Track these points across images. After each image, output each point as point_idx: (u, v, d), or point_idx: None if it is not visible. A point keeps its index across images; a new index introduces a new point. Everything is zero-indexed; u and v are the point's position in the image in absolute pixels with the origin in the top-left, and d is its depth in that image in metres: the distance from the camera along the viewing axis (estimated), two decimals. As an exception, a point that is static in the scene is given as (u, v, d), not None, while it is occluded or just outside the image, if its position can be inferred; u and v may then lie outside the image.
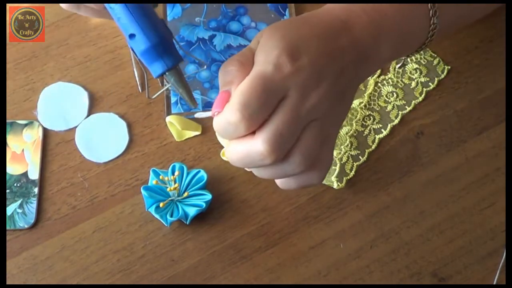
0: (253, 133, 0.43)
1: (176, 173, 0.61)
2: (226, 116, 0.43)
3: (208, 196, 0.61)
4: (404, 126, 0.67)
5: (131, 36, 0.48)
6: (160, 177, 0.61)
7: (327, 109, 0.44)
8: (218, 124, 0.44)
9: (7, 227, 0.61)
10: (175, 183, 0.61)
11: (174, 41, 0.49)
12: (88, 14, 0.56)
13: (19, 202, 0.63)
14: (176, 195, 0.61)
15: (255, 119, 0.42)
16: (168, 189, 0.61)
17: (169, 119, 0.65)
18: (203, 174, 0.62)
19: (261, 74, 0.42)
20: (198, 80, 0.68)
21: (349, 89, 0.47)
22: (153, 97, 0.61)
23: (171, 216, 0.60)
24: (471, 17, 0.60)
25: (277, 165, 0.44)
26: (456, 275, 0.61)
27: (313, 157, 0.44)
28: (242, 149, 0.44)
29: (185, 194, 0.61)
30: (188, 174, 0.62)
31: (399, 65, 0.68)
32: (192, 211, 0.60)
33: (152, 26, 0.47)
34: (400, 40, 0.50)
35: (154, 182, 0.61)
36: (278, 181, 0.48)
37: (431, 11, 0.50)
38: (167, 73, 0.48)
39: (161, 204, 0.60)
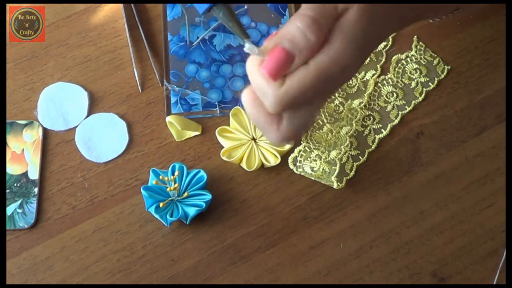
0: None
1: (176, 173, 0.61)
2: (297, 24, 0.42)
3: (208, 196, 0.61)
4: (404, 126, 0.67)
5: None
6: (160, 177, 0.61)
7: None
8: (288, 32, 0.42)
9: (7, 227, 0.62)
10: (175, 183, 0.61)
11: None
12: None
13: (19, 202, 0.63)
14: (176, 195, 0.61)
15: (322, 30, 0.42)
16: (168, 189, 0.61)
17: (169, 119, 0.65)
18: (203, 174, 0.62)
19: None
20: (198, 80, 0.68)
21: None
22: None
23: (171, 216, 0.60)
24: None
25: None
26: (456, 275, 0.61)
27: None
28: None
29: (185, 194, 0.61)
30: (188, 174, 0.62)
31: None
32: (192, 211, 0.60)
33: None
34: None
35: (154, 182, 0.61)
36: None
37: None
38: (214, 8, 0.46)
39: (161, 204, 0.60)
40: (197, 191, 0.61)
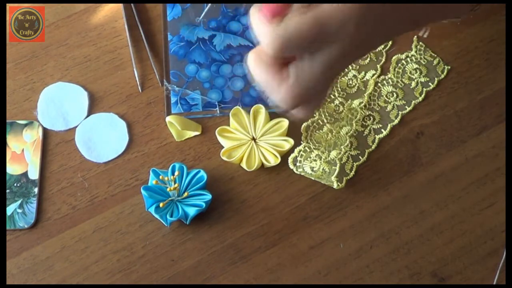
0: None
1: (176, 173, 0.61)
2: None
3: (208, 196, 0.61)
4: (404, 126, 0.67)
5: None
6: (160, 177, 0.61)
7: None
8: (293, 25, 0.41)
9: (7, 227, 0.62)
10: (175, 183, 0.61)
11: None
12: None
13: (19, 202, 0.63)
14: (176, 195, 0.61)
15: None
16: (168, 189, 0.61)
17: (169, 119, 0.65)
18: (203, 174, 0.62)
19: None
20: (198, 80, 0.68)
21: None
22: (199, 18, 0.60)
23: (171, 216, 0.60)
24: None
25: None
26: (456, 275, 0.61)
27: None
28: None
29: (185, 194, 0.61)
30: (188, 174, 0.62)
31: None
32: (192, 211, 0.60)
33: None
34: None
35: (154, 182, 0.61)
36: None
37: None
38: None
39: (161, 204, 0.60)
40: (197, 191, 0.61)
